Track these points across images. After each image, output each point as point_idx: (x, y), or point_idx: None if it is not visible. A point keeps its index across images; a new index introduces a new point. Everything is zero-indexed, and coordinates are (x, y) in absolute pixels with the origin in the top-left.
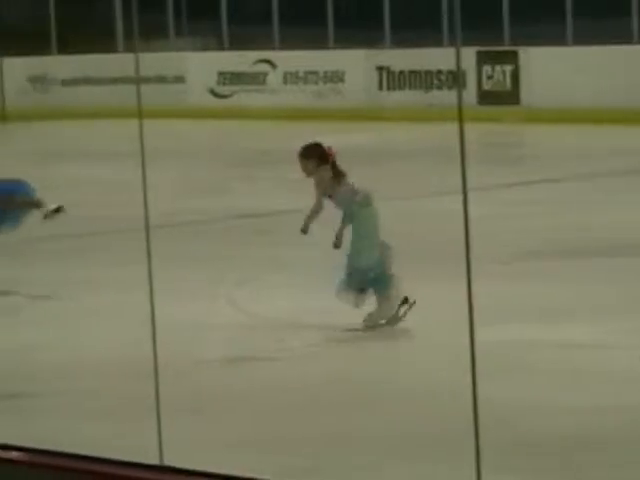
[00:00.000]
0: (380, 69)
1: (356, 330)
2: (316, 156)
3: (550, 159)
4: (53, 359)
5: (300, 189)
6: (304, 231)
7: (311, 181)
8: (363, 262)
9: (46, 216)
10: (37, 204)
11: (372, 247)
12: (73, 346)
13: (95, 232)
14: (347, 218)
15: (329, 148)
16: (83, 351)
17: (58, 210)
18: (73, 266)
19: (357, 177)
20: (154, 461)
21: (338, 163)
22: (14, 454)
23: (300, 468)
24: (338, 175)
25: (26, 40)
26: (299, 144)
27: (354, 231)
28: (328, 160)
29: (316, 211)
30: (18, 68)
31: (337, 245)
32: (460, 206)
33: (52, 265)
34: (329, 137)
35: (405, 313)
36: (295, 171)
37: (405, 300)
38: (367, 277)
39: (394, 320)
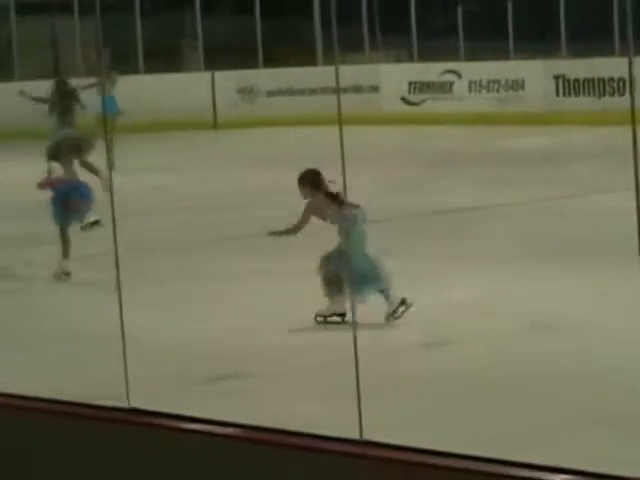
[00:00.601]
0: (557, 77)
1: (540, 316)
2: (309, 183)
3: None
4: (261, 343)
5: (488, 186)
6: (272, 234)
7: (503, 177)
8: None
9: (83, 228)
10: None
11: (360, 257)
12: (279, 331)
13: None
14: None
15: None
16: (288, 337)
17: (96, 223)
18: (274, 258)
19: (536, 176)
20: (355, 436)
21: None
22: (230, 430)
23: (488, 440)
24: (334, 199)
25: (235, 56)
26: (484, 146)
27: (345, 245)
28: (320, 187)
29: (294, 230)
30: (228, 81)
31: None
32: (629, 203)
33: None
34: (510, 140)
35: (402, 313)
36: (482, 170)
37: (403, 301)
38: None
39: (391, 318)
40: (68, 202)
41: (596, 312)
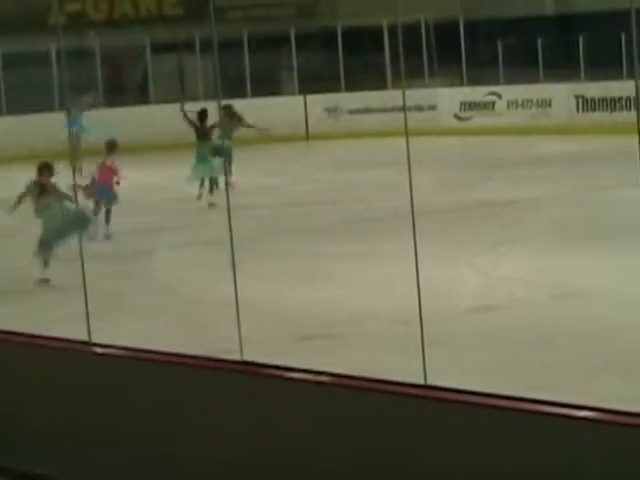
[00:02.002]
0: (577, 97)
1: (567, 286)
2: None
3: None
4: (346, 310)
5: (524, 184)
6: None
7: (535, 176)
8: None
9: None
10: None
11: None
12: (360, 300)
13: (374, 218)
14: None
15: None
16: (367, 304)
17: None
18: (363, 242)
19: (562, 175)
20: (420, 381)
21: None
22: (324, 377)
23: (527, 385)
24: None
25: (322, 82)
26: (520, 152)
27: None
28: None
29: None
30: (317, 102)
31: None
32: (636, 196)
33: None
34: (541, 147)
35: None
36: (519, 171)
37: None
38: None
39: None
40: None
41: (614, 282)
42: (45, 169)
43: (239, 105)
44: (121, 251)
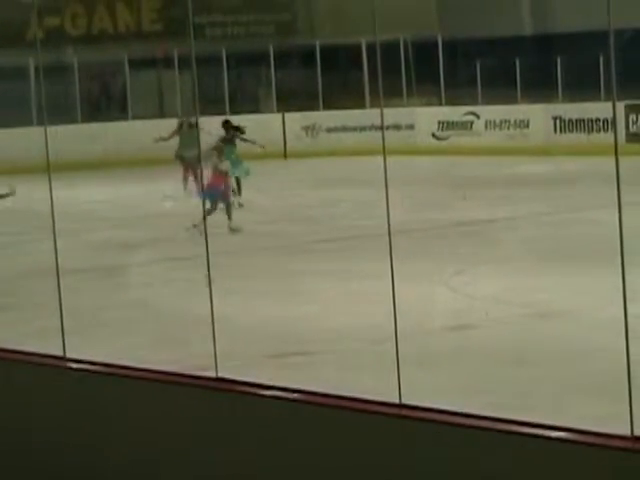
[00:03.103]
0: (555, 118)
1: (542, 306)
2: None
3: None
4: (321, 327)
5: (501, 204)
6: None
7: (512, 196)
8: None
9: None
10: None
11: None
12: (336, 318)
13: (350, 236)
14: None
15: None
16: (342, 322)
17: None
18: (339, 260)
19: (538, 195)
20: (395, 400)
21: None
22: (298, 395)
23: (500, 405)
24: None
25: (300, 100)
26: (498, 172)
27: None
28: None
29: None
30: (295, 120)
31: None
32: (613, 217)
33: (325, 258)
34: (518, 167)
35: None
36: (496, 191)
37: None
38: None
39: None
40: None
41: (588, 302)
42: None
43: (217, 122)
44: (97, 266)
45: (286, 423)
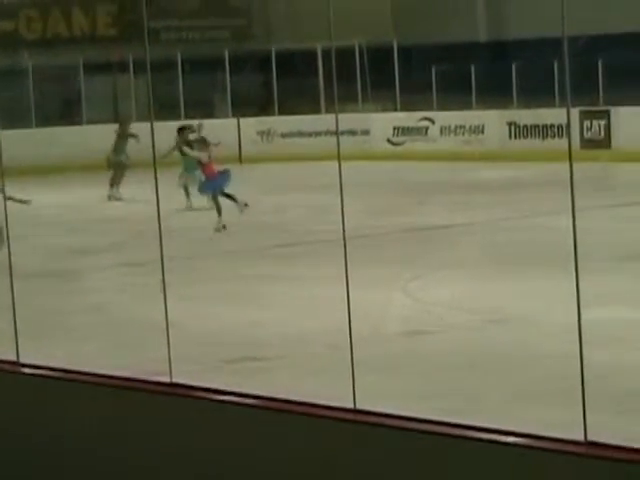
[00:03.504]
0: (509, 124)
1: (497, 312)
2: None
3: (635, 187)
4: (276, 332)
5: (456, 209)
6: None
7: (468, 202)
8: None
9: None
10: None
11: None
12: (291, 323)
13: (305, 242)
14: None
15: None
16: (297, 327)
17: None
18: (294, 266)
19: (493, 201)
20: (349, 406)
21: None
22: (250, 400)
23: (452, 409)
24: None
25: (256, 105)
26: (453, 178)
27: None
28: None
29: None
30: (250, 125)
31: None
32: (567, 222)
33: (280, 263)
34: (473, 173)
35: None
36: (451, 196)
37: None
38: None
39: None
40: None
41: (543, 308)
42: None
43: (170, 128)
44: (50, 270)
45: (242, 429)
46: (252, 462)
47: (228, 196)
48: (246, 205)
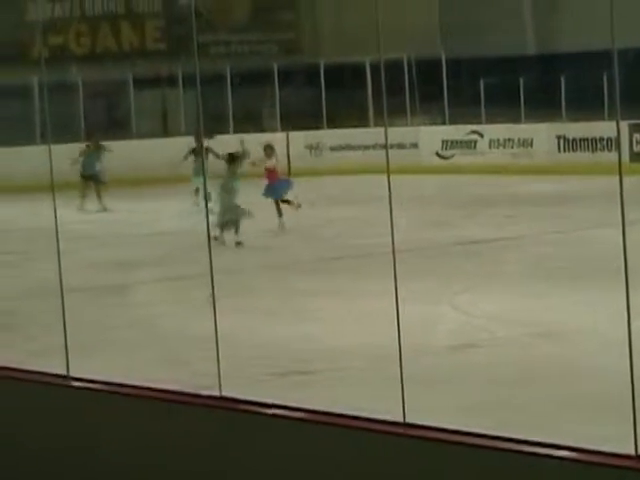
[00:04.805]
0: (559, 137)
1: (546, 325)
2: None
3: None
4: (324, 346)
5: (504, 223)
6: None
7: (516, 215)
8: None
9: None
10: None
11: None
12: (339, 337)
13: (353, 255)
14: None
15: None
16: (345, 341)
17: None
18: (343, 279)
19: (542, 215)
20: (398, 419)
21: None
22: (298, 414)
23: (502, 423)
24: None
25: (304, 119)
26: (501, 191)
27: None
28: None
29: None
30: (299, 139)
31: None
32: (617, 235)
33: (328, 277)
34: (521, 186)
35: None
36: (499, 210)
37: None
38: None
39: None
40: None
41: (591, 322)
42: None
43: (221, 142)
44: (100, 285)
45: (290, 442)
46: (300, 476)
47: (287, 202)
48: (299, 206)
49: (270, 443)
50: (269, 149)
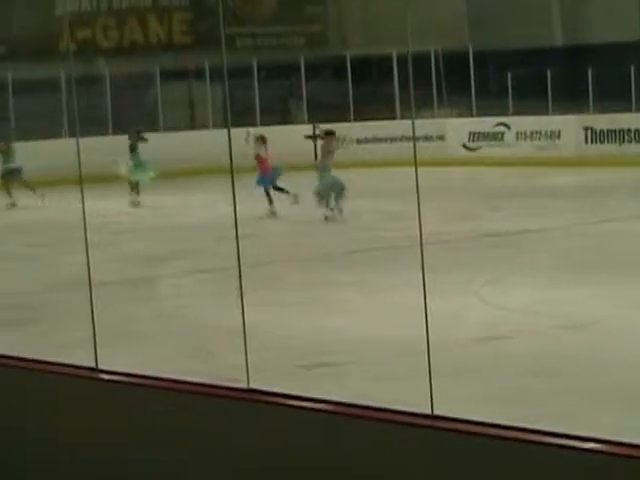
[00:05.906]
0: (586, 129)
1: (572, 317)
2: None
3: None
4: (351, 338)
5: (531, 215)
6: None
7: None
8: None
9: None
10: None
11: None
12: (365, 329)
13: (380, 247)
14: None
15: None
16: (371, 333)
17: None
18: (369, 271)
19: (569, 206)
20: (427, 411)
21: None
22: (329, 406)
23: (528, 415)
24: None
25: (331, 111)
26: (528, 183)
27: None
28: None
29: None
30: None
31: None
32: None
33: (355, 269)
34: (548, 178)
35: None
36: (526, 202)
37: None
38: None
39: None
40: None
41: (619, 314)
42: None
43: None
44: (128, 278)
45: (317, 434)
46: (328, 467)
47: (280, 189)
48: (296, 196)
49: (297, 435)
50: (260, 139)
